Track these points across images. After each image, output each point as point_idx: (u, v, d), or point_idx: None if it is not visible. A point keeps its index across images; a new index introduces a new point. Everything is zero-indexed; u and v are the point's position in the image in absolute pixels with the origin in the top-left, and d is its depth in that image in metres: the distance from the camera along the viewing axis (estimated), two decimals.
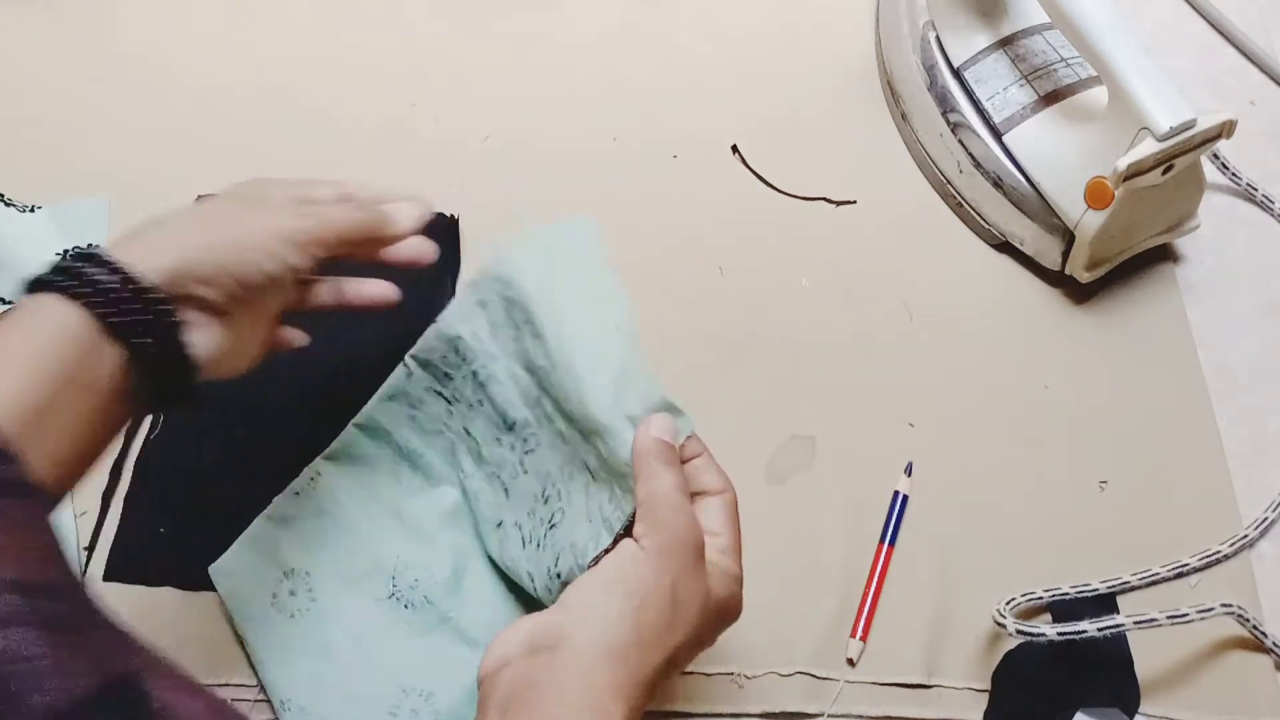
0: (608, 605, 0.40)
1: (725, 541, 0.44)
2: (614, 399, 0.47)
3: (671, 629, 0.40)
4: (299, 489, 0.58)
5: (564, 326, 0.49)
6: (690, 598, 0.41)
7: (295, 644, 0.54)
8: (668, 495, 0.43)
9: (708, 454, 0.47)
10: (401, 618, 0.55)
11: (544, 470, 0.51)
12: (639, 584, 0.40)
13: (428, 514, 0.57)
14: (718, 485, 0.46)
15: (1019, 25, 0.68)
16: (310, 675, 0.53)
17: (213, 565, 0.57)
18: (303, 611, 0.55)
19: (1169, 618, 0.53)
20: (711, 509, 0.45)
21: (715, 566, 0.43)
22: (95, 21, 0.78)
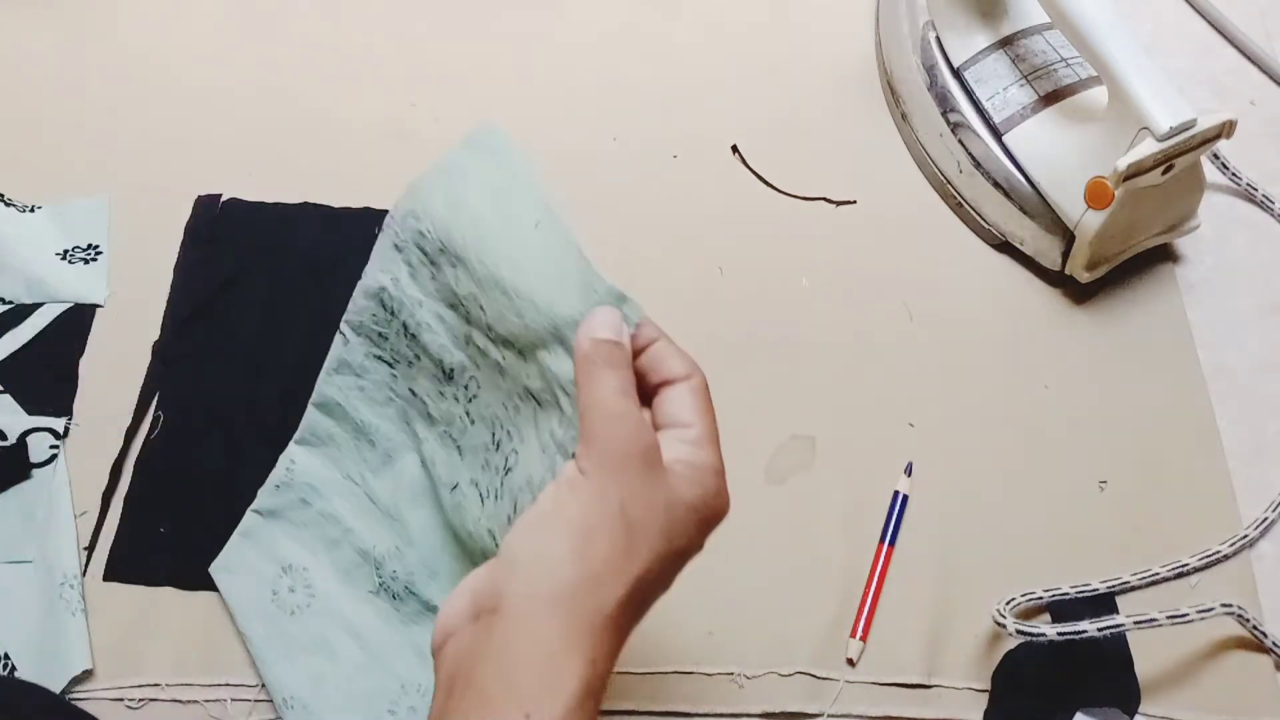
0: (547, 545, 0.35)
1: (697, 432, 0.38)
2: (549, 304, 0.42)
3: (630, 554, 0.35)
4: (279, 481, 0.57)
5: (484, 242, 0.45)
6: (648, 513, 0.36)
7: (296, 642, 0.54)
8: (605, 402, 0.37)
9: (665, 338, 0.41)
10: (392, 610, 0.54)
11: (489, 415, 0.47)
12: (580, 513, 0.35)
13: (395, 493, 0.54)
14: (683, 370, 0.40)
15: (1019, 25, 0.68)
16: (313, 673, 0.53)
17: (213, 564, 0.57)
18: (302, 608, 0.55)
19: (1169, 618, 0.53)
20: (677, 397, 0.39)
21: (684, 463, 0.38)
22: (95, 21, 0.78)
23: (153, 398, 0.63)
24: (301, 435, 0.57)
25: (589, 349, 0.39)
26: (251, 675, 0.55)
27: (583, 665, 0.33)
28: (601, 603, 0.34)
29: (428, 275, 0.48)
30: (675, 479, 0.37)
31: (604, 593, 0.35)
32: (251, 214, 0.69)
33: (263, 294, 0.66)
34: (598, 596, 0.34)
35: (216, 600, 0.57)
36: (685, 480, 0.37)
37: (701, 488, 0.38)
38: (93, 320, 0.65)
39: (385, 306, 0.51)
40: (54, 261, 0.67)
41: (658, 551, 0.36)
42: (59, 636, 0.55)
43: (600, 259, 0.71)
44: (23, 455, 0.60)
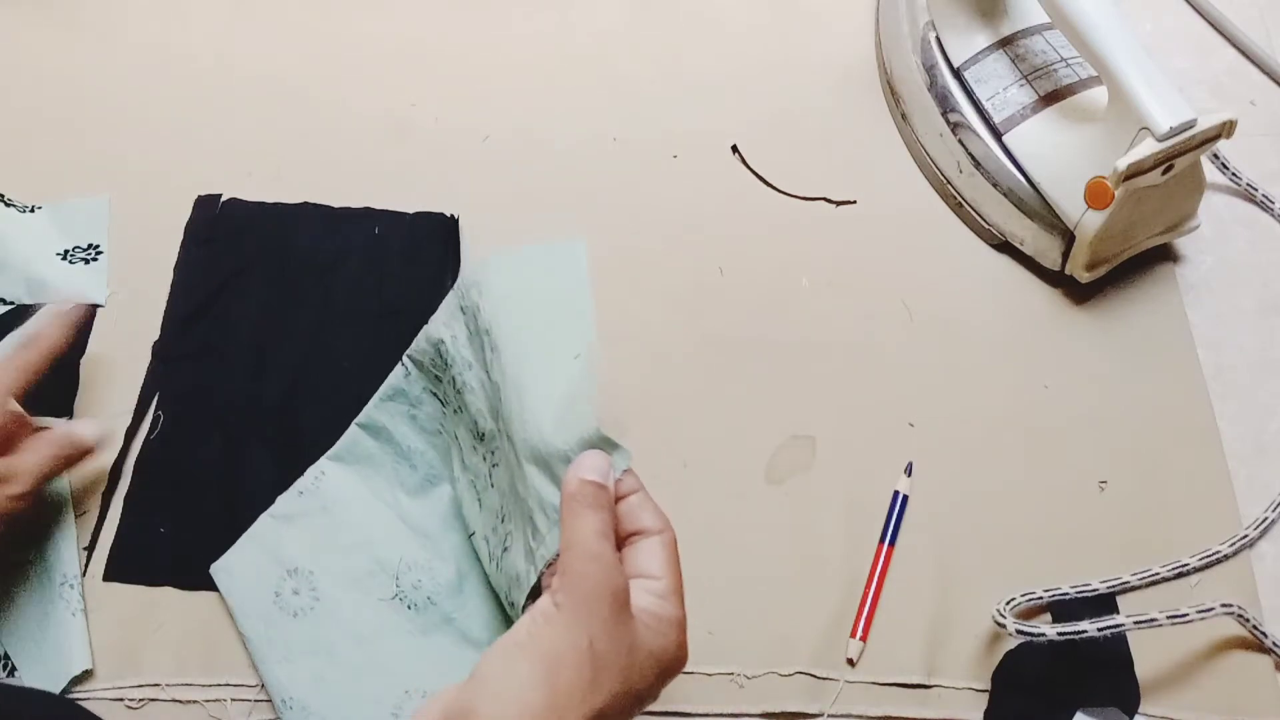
0: (517, 673, 0.38)
1: (665, 585, 0.42)
2: (551, 430, 0.45)
3: (593, 688, 0.38)
4: (303, 488, 0.58)
5: (520, 344, 0.48)
6: (613, 652, 0.39)
7: (298, 643, 0.54)
8: (585, 543, 0.40)
9: (644, 491, 0.44)
10: (405, 618, 0.55)
11: (503, 488, 0.50)
12: (550, 645, 0.38)
13: (430, 514, 0.57)
14: (656, 524, 0.43)
15: (1019, 25, 0.68)
16: (313, 675, 0.53)
17: (214, 564, 0.57)
18: (306, 610, 0.55)
19: (1169, 618, 0.53)
20: (648, 550, 0.42)
21: (649, 614, 0.41)
22: (96, 21, 0.78)
23: (153, 398, 0.63)
24: (338, 452, 0.58)
25: (576, 489, 0.42)
26: (251, 675, 0.55)
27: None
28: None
29: (479, 344, 0.51)
30: (640, 626, 0.40)
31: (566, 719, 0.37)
32: (251, 214, 0.69)
33: (263, 294, 0.66)
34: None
35: (216, 600, 0.57)
36: (649, 630, 0.40)
37: (664, 638, 0.41)
38: (93, 320, 0.65)
39: (442, 356, 0.53)
40: (54, 261, 0.67)
41: (617, 690, 0.39)
42: (59, 636, 0.55)
43: (600, 259, 0.72)
44: None
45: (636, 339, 0.65)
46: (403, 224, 0.68)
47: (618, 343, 0.64)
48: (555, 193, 0.71)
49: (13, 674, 0.54)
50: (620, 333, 0.64)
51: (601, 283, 0.66)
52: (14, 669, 0.55)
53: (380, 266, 0.67)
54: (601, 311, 0.65)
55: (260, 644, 0.54)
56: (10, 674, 0.54)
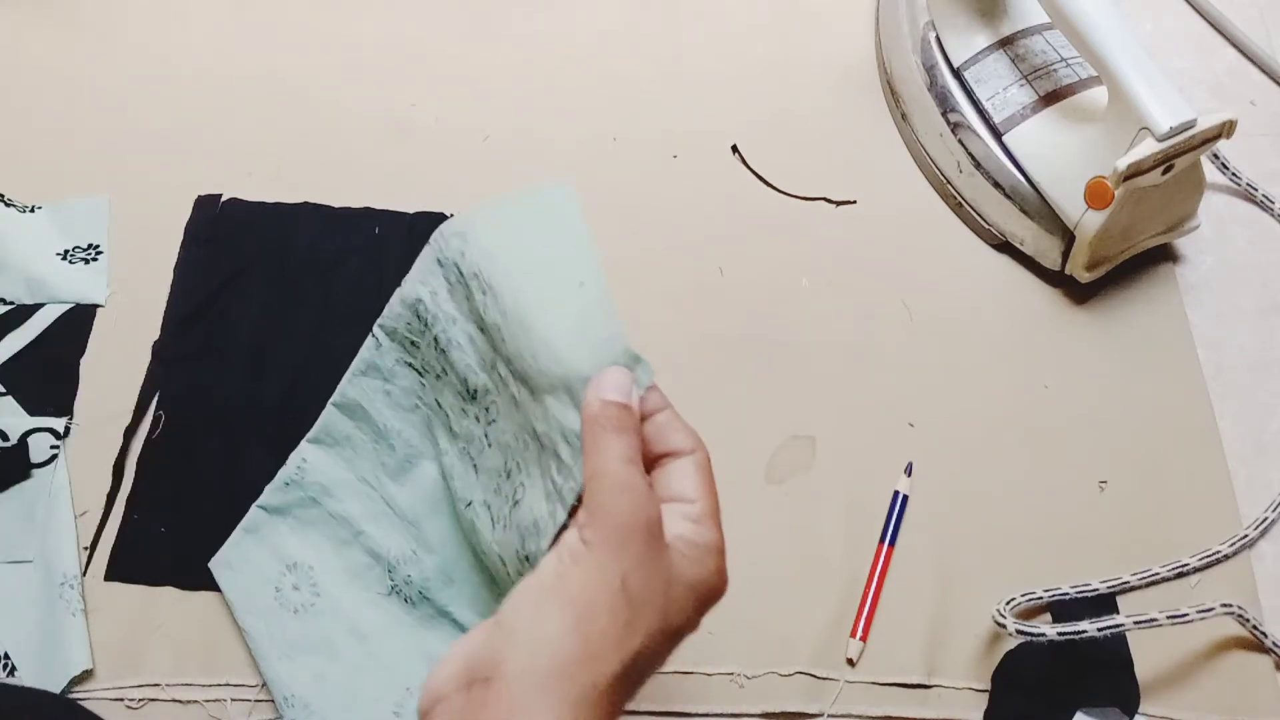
0: (546, 619, 0.35)
1: (700, 509, 0.38)
2: (564, 353, 0.42)
3: (628, 631, 0.35)
4: (288, 478, 0.57)
5: (520, 278, 0.45)
6: (648, 589, 0.36)
7: (298, 640, 0.54)
8: (612, 472, 0.37)
9: (671, 409, 0.40)
10: (404, 613, 0.54)
11: (504, 441, 0.47)
12: (581, 587, 0.35)
13: (414, 499, 0.54)
14: (687, 444, 0.39)
15: (1019, 25, 0.68)
16: (314, 673, 0.53)
17: (213, 559, 0.57)
18: (306, 607, 0.55)
19: (1169, 618, 0.53)
20: (681, 472, 0.39)
21: (686, 541, 0.37)
22: (96, 21, 0.78)
23: (153, 398, 0.63)
24: (316, 434, 0.57)
25: (597, 411, 0.38)
26: (252, 675, 0.55)
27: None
28: (597, 679, 0.34)
29: (463, 295, 0.48)
30: (676, 556, 0.37)
31: (600, 669, 0.34)
32: (251, 214, 0.69)
33: (263, 294, 0.66)
34: (594, 672, 0.34)
35: (217, 600, 0.57)
36: (685, 559, 0.37)
37: (702, 567, 0.37)
38: (93, 320, 0.65)
39: (420, 317, 0.51)
40: (54, 261, 0.67)
41: (655, 629, 0.36)
42: (59, 636, 0.55)
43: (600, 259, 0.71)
44: (23, 455, 0.60)
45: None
46: (403, 224, 0.68)
47: None
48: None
49: (13, 674, 0.54)
50: None
51: None
52: (14, 669, 0.55)
53: (380, 266, 0.67)
54: None
55: (261, 641, 0.54)
56: (10, 674, 0.54)
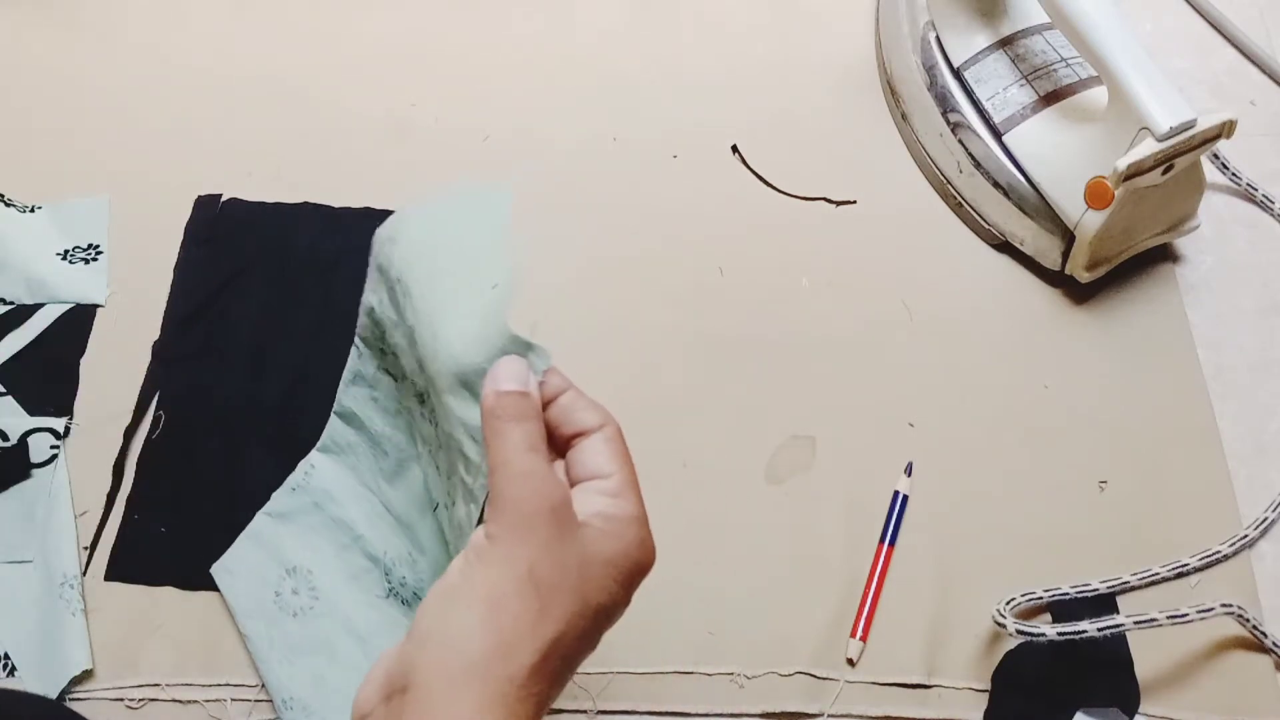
0: (455, 618, 0.34)
1: (615, 482, 0.37)
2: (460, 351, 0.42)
3: (542, 618, 0.34)
4: (295, 484, 0.58)
5: (433, 282, 0.45)
6: (559, 573, 0.35)
7: (298, 643, 0.54)
8: (510, 460, 0.36)
9: (574, 389, 0.39)
10: (400, 614, 0.55)
11: (445, 442, 0.47)
12: (487, 581, 0.34)
13: (407, 501, 0.55)
14: (595, 420, 0.38)
15: (1019, 25, 0.68)
16: (313, 675, 0.53)
17: (215, 565, 0.57)
18: (305, 610, 0.55)
19: (1169, 618, 0.53)
20: (592, 449, 0.38)
21: (602, 516, 0.36)
22: (96, 21, 0.78)
23: (153, 398, 0.63)
24: (324, 443, 0.58)
25: (493, 403, 0.37)
26: (251, 675, 0.55)
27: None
28: (514, 671, 0.33)
29: (395, 298, 0.48)
30: (592, 534, 0.36)
31: (516, 660, 0.33)
32: (251, 214, 0.69)
33: (263, 294, 0.66)
34: (510, 665, 0.33)
35: (217, 600, 0.57)
36: (602, 534, 0.36)
37: (620, 540, 0.36)
38: (93, 320, 0.65)
39: (378, 324, 0.51)
40: (54, 261, 0.67)
41: (572, 612, 0.35)
42: (59, 636, 0.55)
43: (600, 258, 0.72)
44: (23, 455, 0.60)
45: (637, 339, 0.65)
46: None
47: (618, 342, 0.64)
48: (555, 193, 0.71)
49: (13, 674, 0.54)
50: (620, 333, 0.64)
51: (601, 282, 0.66)
52: (14, 669, 0.55)
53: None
54: (602, 311, 0.66)
55: (261, 644, 0.54)
56: (10, 674, 0.54)
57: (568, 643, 0.35)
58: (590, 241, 0.68)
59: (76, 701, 0.54)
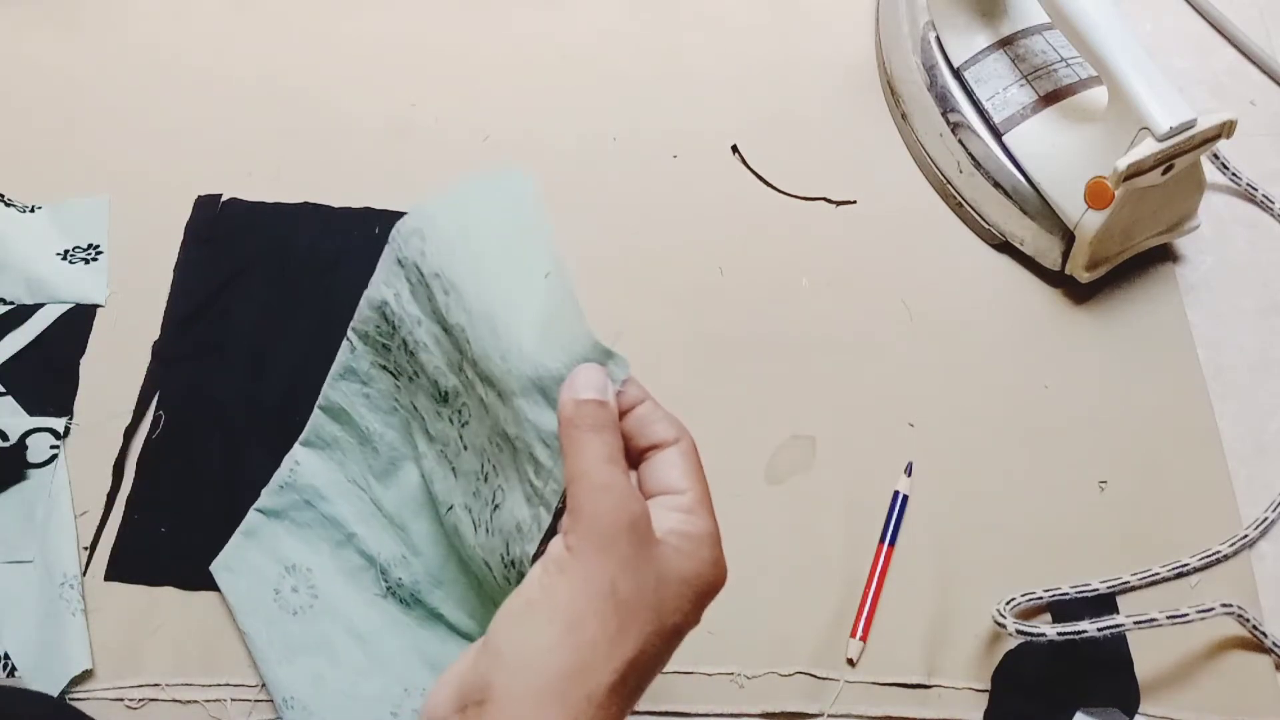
0: (533, 634, 0.34)
1: (690, 499, 0.37)
2: (533, 353, 0.40)
3: (621, 637, 0.34)
4: (282, 481, 0.57)
5: (482, 275, 0.43)
6: (639, 592, 0.34)
7: (298, 642, 0.54)
8: (592, 473, 0.36)
9: (651, 399, 0.39)
10: (400, 613, 0.55)
11: (478, 444, 0.46)
12: (567, 598, 0.34)
13: (400, 501, 0.54)
14: (671, 434, 0.38)
15: (1019, 25, 0.68)
16: (313, 674, 0.53)
17: (213, 563, 0.57)
18: (305, 609, 0.55)
19: (1169, 618, 0.53)
20: (667, 463, 0.38)
21: (677, 534, 0.36)
22: (96, 21, 0.78)
23: (153, 398, 0.63)
24: (307, 437, 0.57)
25: (572, 412, 0.37)
26: (252, 675, 0.55)
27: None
28: (592, 691, 0.33)
29: (425, 295, 0.47)
30: (668, 551, 0.36)
31: (594, 680, 0.33)
32: (251, 214, 0.69)
33: (263, 294, 0.66)
34: (588, 685, 0.33)
35: (217, 600, 0.57)
36: (678, 552, 0.36)
37: (696, 560, 0.36)
38: (93, 320, 0.65)
39: (388, 320, 0.50)
40: (54, 261, 0.67)
41: (649, 631, 0.35)
42: (59, 636, 0.55)
43: (600, 259, 0.72)
44: (23, 455, 0.60)
45: (637, 339, 0.65)
46: None
47: (618, 342, 0.64)
48: (555, 193, 0.70)
49: (13, 674, 0.54)
50: (620, 332, 0.64)
51: (602, 283, 0.66)
52: (14, 669, 0.55)
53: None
54: (602, 311, 0.66)
55: (261, 643, 0.54)
56: (10, 674, 0.54)
57: (644, 662, 0.35)
58: (590, 241, 0.68)
59: (76, 701, 0.54)
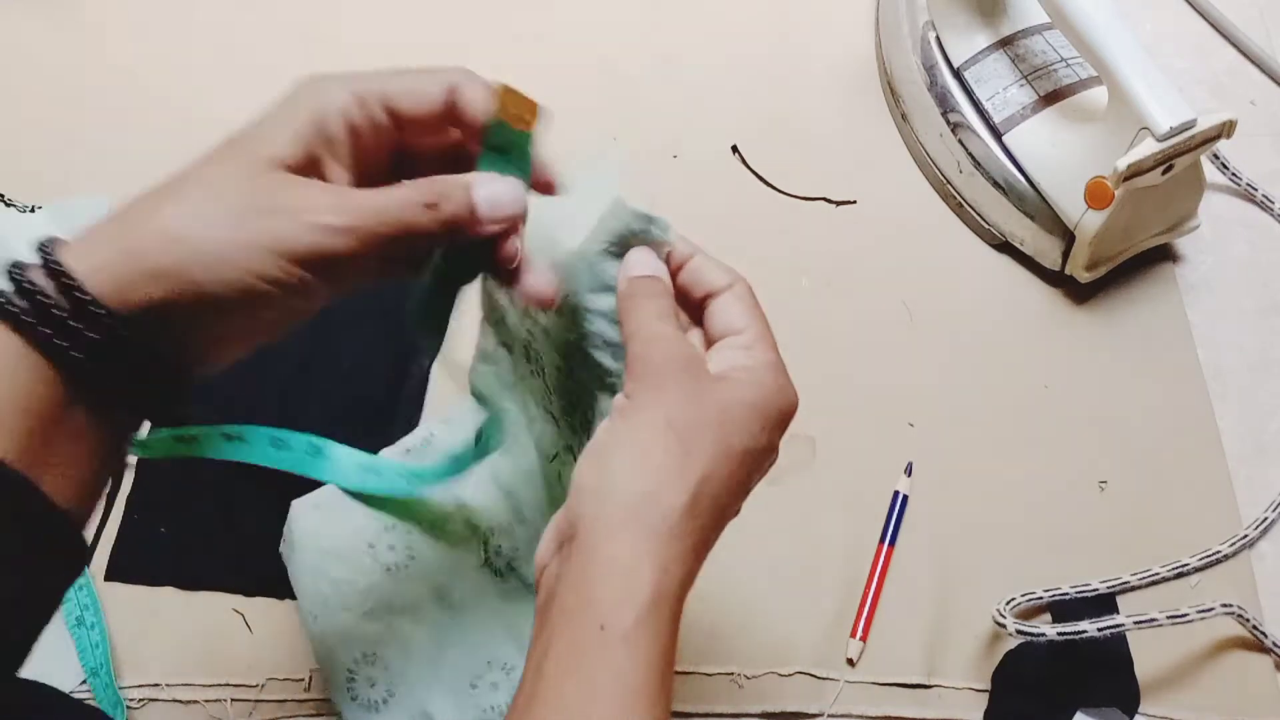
0: (604, 472, 0.37)
1: (750, 335, 0.40)
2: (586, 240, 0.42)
3: (686, 461, 0.36)
4: (410, 446, 0.58)
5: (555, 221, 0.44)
6: (698, 421, 0.37)
7: (389, 598, 0.53)
8: (643, 327, 0.39)
9: (701, 252, 0.42)
10: (491, 585, 0.54)
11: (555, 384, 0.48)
12: (630, 433, 0.37)
13: (514, 470, 0.55)
14: (725, 279, 0.41)
15: (1019, 25, 0.68)
16: (400, 633, 0.52)
17: (299, 499, 0.55)
18: (400, 567, 0.54)
19: (1169, 618, 0.53)
20: (724, 306, 0.41)
21: (739, 367, 0.39)
22: (96, 21, 0.78)
23: None
24: (450, 416, 0.58)
25: (626, 287, 0.40)
26: (252, 675, 0.55)
27: (653, 573, 0.35)
28: (665, 511, 0.35)
29: None
30: (730, 383, 0.38)
31: (666, 502, 0.35)
32: None
33: None
34: (660, 506, 0.35)
35: (217, 600, 0.57)
36: (740, 384, 0.38)
37: (758, 386, 0.39)
38: None
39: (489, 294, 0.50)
40: None
41: (714, 454, 0.37)
42: (60, 637, 0.55)
43: None
44: None
45: None
46: None
47: None
48: None
49: None
50: None
51: None
52: None
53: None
54: None
55: (348, 590, 0.53)
56: None
57: (715, 484, 0.37)
58: None
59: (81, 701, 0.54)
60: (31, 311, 0.33)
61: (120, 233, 0.34)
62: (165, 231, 0.34)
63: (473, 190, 0.38)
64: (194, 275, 0.34)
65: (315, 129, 0.38)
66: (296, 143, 0.37)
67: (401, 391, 0.63)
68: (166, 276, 0.33)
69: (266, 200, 0.35)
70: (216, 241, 0.34)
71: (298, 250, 0.35)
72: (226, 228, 0.34)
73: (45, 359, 0.33)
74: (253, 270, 0.34)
